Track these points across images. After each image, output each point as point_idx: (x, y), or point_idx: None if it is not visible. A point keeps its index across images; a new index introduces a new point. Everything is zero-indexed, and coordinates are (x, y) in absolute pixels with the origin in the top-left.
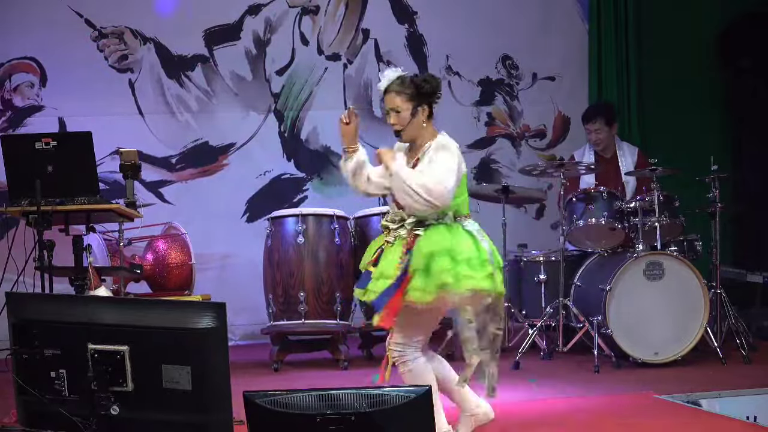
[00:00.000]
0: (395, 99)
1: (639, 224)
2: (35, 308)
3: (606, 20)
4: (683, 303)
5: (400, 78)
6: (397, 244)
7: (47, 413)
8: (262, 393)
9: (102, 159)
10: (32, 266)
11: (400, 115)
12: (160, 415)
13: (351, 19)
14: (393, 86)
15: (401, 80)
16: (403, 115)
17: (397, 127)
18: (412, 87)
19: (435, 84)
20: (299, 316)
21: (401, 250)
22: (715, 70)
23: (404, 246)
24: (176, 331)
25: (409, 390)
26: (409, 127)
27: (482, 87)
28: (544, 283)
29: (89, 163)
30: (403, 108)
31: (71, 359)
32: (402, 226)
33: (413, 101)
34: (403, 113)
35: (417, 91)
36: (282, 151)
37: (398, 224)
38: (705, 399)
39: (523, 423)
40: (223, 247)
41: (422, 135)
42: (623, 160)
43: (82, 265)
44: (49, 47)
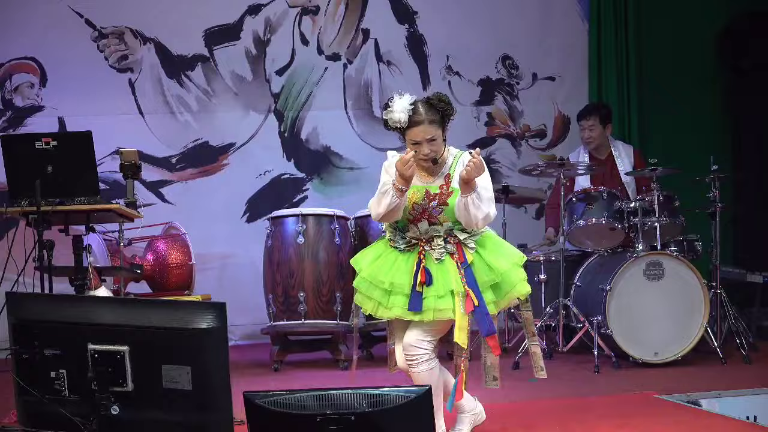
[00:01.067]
0: (430, 129)
1: (639, 224)
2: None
3: (606, 20)
4: (683, 303)
5: (426, 105)
6: (447, 260)
7: (47, 413)
8: (262, 393)
9: (102, 159)
10: (32, 266)
11: (435, 143)
12: (160, 415)
13: (351, 19)
14: (424, 116)
15: (428, 107)
16: (438, 143)
17: (433, 155)
18: (439, 113)
19: (452, 106)
20: (299, 316)
21: (454, 264)
22: (715, 70)
23: (455, 260)
24: (176, 331)
25: (409, 390)
26: (441, 152)
27: (482, 87)
28: (544, 283)
29: (89, 163)
30: (438, 135)
31: (71, 359)
32: (447, 241)
33: (441, 126)
34: (438, 140)
35: (441, 116)
36: (282, 151)
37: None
38: (705, 399)
39: (523, 423)
40: (223, 247)
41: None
42: (620, 161)
43: (82, 265)
44: (49, 47)
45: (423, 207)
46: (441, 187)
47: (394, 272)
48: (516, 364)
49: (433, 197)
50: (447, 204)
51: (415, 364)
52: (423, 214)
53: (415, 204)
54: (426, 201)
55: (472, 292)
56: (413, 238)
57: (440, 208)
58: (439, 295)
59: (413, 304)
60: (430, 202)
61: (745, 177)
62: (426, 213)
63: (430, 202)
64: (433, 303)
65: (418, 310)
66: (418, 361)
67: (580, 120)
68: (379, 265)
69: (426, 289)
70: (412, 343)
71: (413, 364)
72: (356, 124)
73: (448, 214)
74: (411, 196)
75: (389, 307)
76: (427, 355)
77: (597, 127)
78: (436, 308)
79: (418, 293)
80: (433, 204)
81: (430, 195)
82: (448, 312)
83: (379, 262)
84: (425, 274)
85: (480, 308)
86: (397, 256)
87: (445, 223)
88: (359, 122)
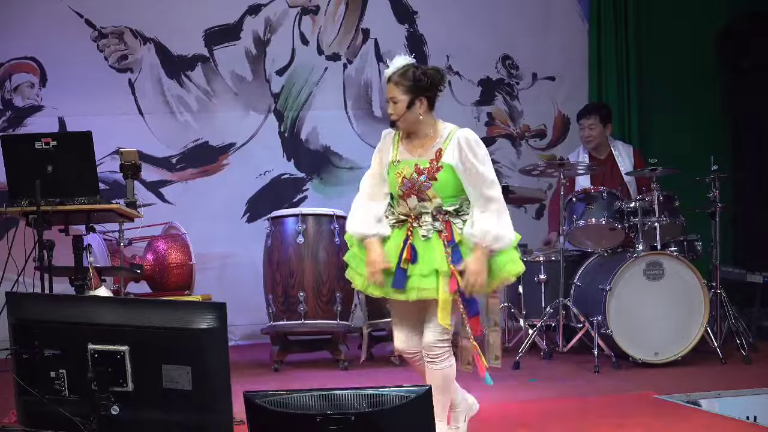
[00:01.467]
0: (394, 89)
1: (639, 224)
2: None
3: (606, 20)
4: (683, 303)
5: (404, 68)
6: (434, 238)
7: (47, 413)
8: (262, 393)
9: (102, 159)
10: (32, 266)
11: (396, 106)
12: (160, 415)
13: (351, 19)
14: (394, 76)
15: (403, 71)
16: (400, 107)
17: (393, 117)
18: (411, 79)
19: (435, 78)
20: (299, 316)
21: (441, 243)
22: (715, 70)
23: (443, 238)
24: (176, 331)
25: (409, 390)
26: (404, 118)
27: (482, 87)
28: (544, 283)
29: (89, 163)
30: (400, 99)
31: (71, 359)
32: (435, 218)
33: (410, 93)
34: (400, 104)
35: (415, 83)
36: (282, 151)
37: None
38: (705, 399)
39: (523, 423)
40: (223, 247)
41: (421, 127)
42: (620, 160)
43: (82, 265)
44: (49, 47)
45: (412, 182)
46: (431, 161)
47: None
48: (516, 364)
49: (423, 171)
50: (436, 179)
51: (438, 362)
52: (412, 189)
53: (404, 179)
54: (415, 176)
55: (457, 272)
56: (403, 214)
57: (429, 183)
58: (423, 274)
59: (397, 281)
60: (419, 177)
61: (745, 177)
62: (415, 188)
63: (420, 176)
64: (417, 282)
65: (401, 288)
66: (441, 359)
67: (580, 119)
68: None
69: (411, 267)
70: (432, 342)
71: (435, 362)
72: (356, 124)
73: (437, 190)
74: (401, 171)
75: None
76: (448, 352)
77: (597, 126)
78: (420, 287)
79: (402, 270)
80: (422, 179)
81: (420, 169)
82: (432, 292)
83: None
84: (410, 251)
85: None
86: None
87: (434, 200)
88: (359, 122)
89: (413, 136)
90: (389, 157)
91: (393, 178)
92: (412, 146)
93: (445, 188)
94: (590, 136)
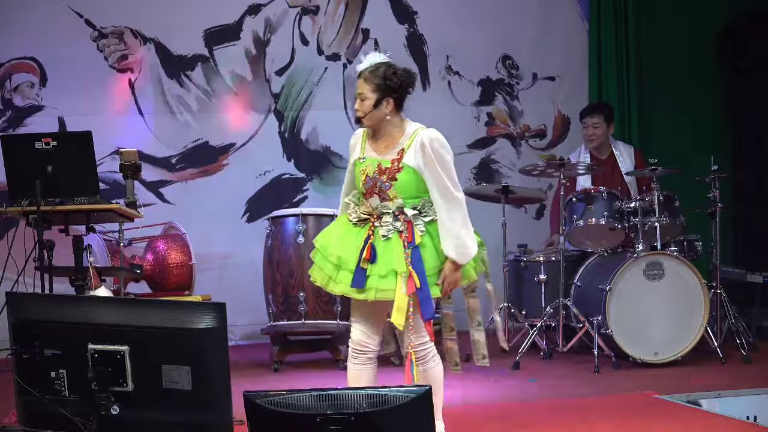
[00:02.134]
0: (363, 85)
1: (639, 224)
2: (35, 308)
3: (606, 20)
4: (683, 303)
5: (376, 65)
6: (395, 238)
7: (47, 413)
8: (262, 393)
9: (102, 159)
10: (32, 266)
11: (363, 103)
12: (160, 415)
13: (351, 19)
14: (365, 72)
15: (375, 68)
16: (367, 104)
17: (359, 114)
18: (381, 77)
19: (406, 80)
20: (299, 316)
21: (401, 243)
22: (715, 70)
23: (403, 239)
24: (176, 331)
25: (409, 390)
26: (370, 116)
27: (482, 87)
28: (544, 283)
29: (89, 163)
30: (368, 96)
31: (71, 359)
32: (396, 218)
33: (379, 92)
34: (367, 102)
35: (384, 82)
36: (282, 151)
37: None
38: (705, 399)
39: (523, 423)
40: (223, 247)
41: (386, 127)
42: (621, 160)
43: (82, 265)
44: (49, 47)
45: (374, 180)
46: (393, 161)
47: (342, 247)
48: (516, 364)
49: (384, 171)
50: (396, 179)
51: (423, 363)
52: (373, 189)
53: (367, 176)
54: (377, 175)
55: (416, 274)
56: (365, 213)
57: (389, 183)
58: (382, 274)
59: (356, 280)
60: (381, 176)
61: (745, 177)
62: (376, 187)
63: (381, 176)
64: (376, 282)
65: (360, 287)
66: (427, 359)
67: (584, 118)
68: (331, 237)
69: (370, 267)
70: (417, 344)
71: (422, 363)
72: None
73: (398, 191)
74: (365, 168)
75: (338, 282)
76: (433, 350)
77: (601, 126)
78: (379, 288)
79: (362, 270)
80: (382, 178)
81: (382, 168)
82: (390, 293)
83: (332, 234)
84: (371, 250)
85: (422, 291)
86: (350, 230)
87: (396, 200)
88: None
89: (378, 134)
90: (355, 155)
91: (357, 175)
92: (377, 145)
93: (407, 189)
94: (594, 135)
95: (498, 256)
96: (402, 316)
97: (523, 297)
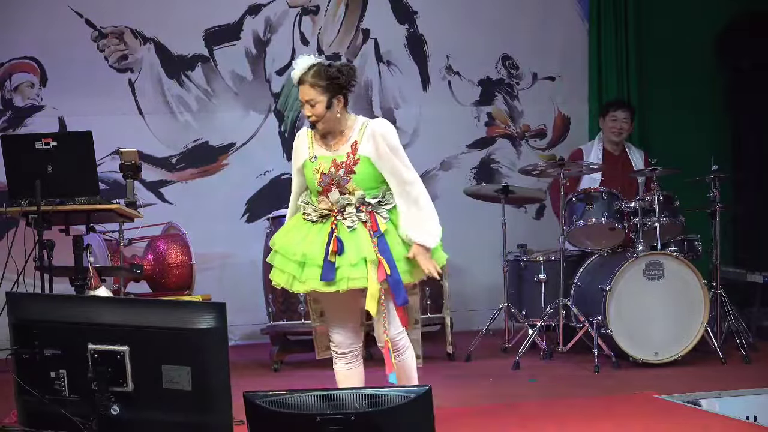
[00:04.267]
0: (310, 91)
1: (639, 224)
2: (35, 308)
3: (606, 20)
4: (683, 303)
5: (314, 68)
6: (360, 228)
7: (47, 413)
8: (262, 393)
9: (102, 159)
10: (32, 266)
11: (315, 108)
12: (160, 415)
13: (351, 19)
14: (307, 78)
15: (316, 71)
16: (319, 108)
17: (313, 119)
18: (326, 78)
19: (350, 74)
20: (299, 316)
21: (367, 232)
22: (715, 70)
23: (368, 228)
24: (176, 331)
25: (409, 390)
26: (325, 119)
27: (482, 87)
28: (544, 283)
29: (89, 163)
30: (318, 100)
31: (71, 359)
32: (359, 210)
33: (328, 93)
34: (319, 106)
35: (331, 82)
36: (282, 151)
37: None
38: (705, 399)
39: (523, 423)
40: (223, 247)
41: (338, 125)
42: (633, 159)
43: (82, 265)
44: (49, 47)
45: (330, 177)
46: (347, 155)
47: (307, 244)
48: (516, 364)
49: (340, 166)
50: (354, 172)
51: (400, 353)
52: (331, 184)
53: (323, 174)
54: (333, 170)
55: (385, 261)
56: (325, 209)
57: (348, 177)
58: (352, 263)
59: (325, 274)
60: (338, 171)
61: (745, 177)
62: (334, 183)
63: (338, 171)
64: (347, 272)
65: (331, 280)
66: (402, 351)
67: (614, 110)
68: (292, 237)
69: (339, 258)
70: (393, 336)
71: (399, 354)
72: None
73: (357, 183)
74: (318, 167)
75: (303, 281)
76: (406, 340)
77: (629, 121)
78: (350, 277)
79: (330, 263)
80: (340, 173)
81: (338, 164)
82: (362, 281)
83: (291, 235)
84: (337, 243)
85: (393, 276)
86: (310, 228)
87: (356, 192)
88: None
89: (329, 132)
90: (304, 156)
91: (311, 175)
92: (327, 142)
93: (365, 180)
94: (622, 129)
95: (498, 256)
96: (375, 303)
97: (523, 297)
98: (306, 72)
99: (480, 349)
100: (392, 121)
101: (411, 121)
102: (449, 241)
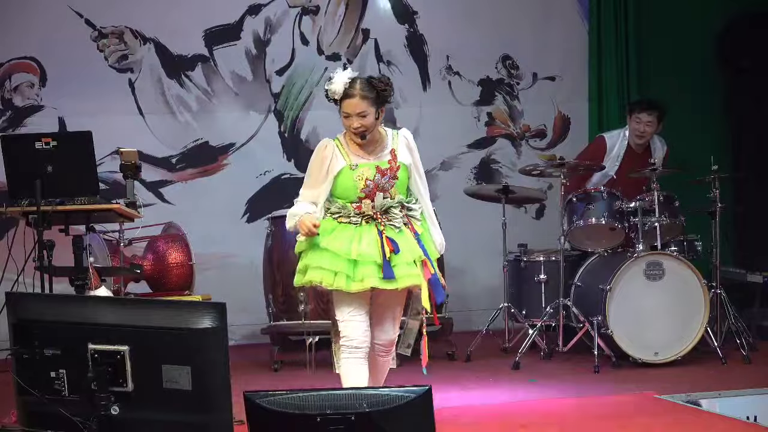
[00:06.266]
0: (361, 103)
1: (639, 224)
2: (35, 308)
3: (606, 20)
4: (683, 303)
5: (359, 81)
6: (405, 229)
7: (47, 413)
8: (262, 393)
9: (102, 159)
10: (32, 266)
11: (365, 119)
12: (160, 415)
13: (351, 19)
14: (355, 91)
15: (364, 84)
16: (369, 119)
17: (362, 130)
18: (375, 91)
19: (392, 86)
20: (299, 316)
21: (411, 234)
22: (715, 70)
23: (410, 230)
24: (176, 331)
25: (409, 390)
26: (372, 129)
27: (482, 87)
28: (544, 283)
29: (89, 163)
30: (369, 112)
31: (71, 359)
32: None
33: (376, 105)
34: (369, 117)
35: (378, 95)
36: (282, 151)
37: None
38: (705, 399)
39: (523, 423)
40: (223, 247)
41: (377, 133)
42: (655, 155)
43: (82, 265)
44: (49, 47)
45: (376, 182)
46: (390, 162)
47: (358, 243)
48: (516, 364)
49: (385, 172)
50: (397, 177)
51: (388, 354)
52: (376, 189)
53: (368, 180)
54: (378, 176)
55: (429, 261)
56: (367, 213)
57: (392, 182)
58: (408, 262)
59: (387, 272)
60: (383, 177)
61: (745, 177)
62: (378, 188)
63: (383, 177)
64: (406, 270)
65: (392, 278)
66: (391, 352)
67: (639, 111)
68: (338, 237)
69: (394, 257)
70: (393, 339)
71: (387, 355)
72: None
73: (398, 188)
74: (361, 174)
75: (360, 279)
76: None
77: (654, 124)
78: (409, 275)
79: (388, 262)
80: (385, 179)
81: (382, 170)
82: (418, 278)
83: (336, 235)
84: (391, 243)
85: (435, 276)
86: (355, 229)
87: (396, 196)
88: None
89: (369, 142)
90: (341, 164)
91: (353, 182)
92: (364, 151)
93: (403, 185)
94: (645, 132)
95: (498, 256)
96: (427, 300)
97: (523, 297)
98: (351, 86)
99: (480, 349)
100: (392, 120)
101: (411, 121)
102: (449, 241)
